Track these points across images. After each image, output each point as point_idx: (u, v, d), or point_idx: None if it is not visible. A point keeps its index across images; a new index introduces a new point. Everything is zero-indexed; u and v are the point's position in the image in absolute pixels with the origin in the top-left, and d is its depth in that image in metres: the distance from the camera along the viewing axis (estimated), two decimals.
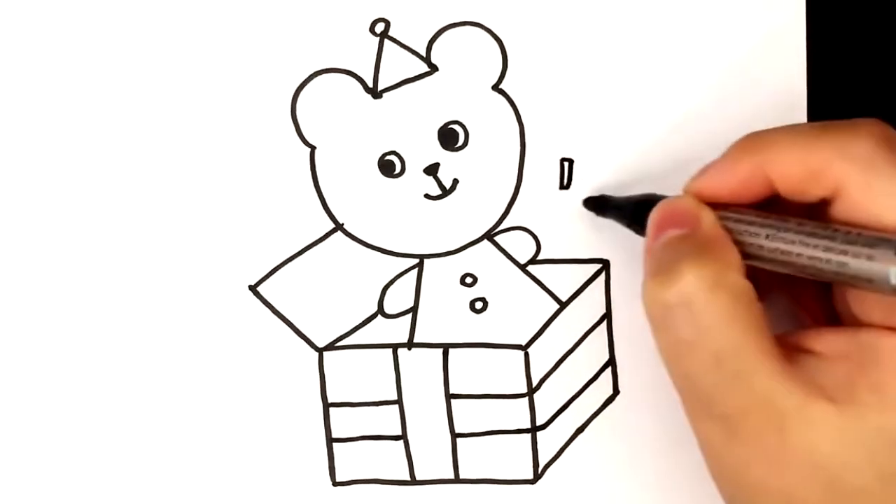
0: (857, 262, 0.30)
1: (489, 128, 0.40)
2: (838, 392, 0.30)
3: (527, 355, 0.40)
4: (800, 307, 0.37)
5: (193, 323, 0.40)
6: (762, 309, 0.32)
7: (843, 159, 0.31)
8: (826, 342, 0.32)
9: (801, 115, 0.40)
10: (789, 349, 0.32)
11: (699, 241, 0.33)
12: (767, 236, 0.32)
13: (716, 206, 0.34)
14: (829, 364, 0.31)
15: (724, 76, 0.40)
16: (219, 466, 0.40)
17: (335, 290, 0.40)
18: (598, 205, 0.39)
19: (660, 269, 0.32)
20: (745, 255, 0.33)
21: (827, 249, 0.31)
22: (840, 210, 0.32)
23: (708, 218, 0.33)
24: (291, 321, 0.40)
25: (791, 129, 0.34)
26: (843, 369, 0.31)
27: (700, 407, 0.32)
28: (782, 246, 0.32)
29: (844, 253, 0.30)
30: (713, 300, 0.31)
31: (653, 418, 0.40)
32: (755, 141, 0.34)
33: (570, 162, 0.40)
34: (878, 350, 0.31)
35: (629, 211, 0.37)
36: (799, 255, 0.31)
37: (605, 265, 0.40)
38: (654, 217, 0.34)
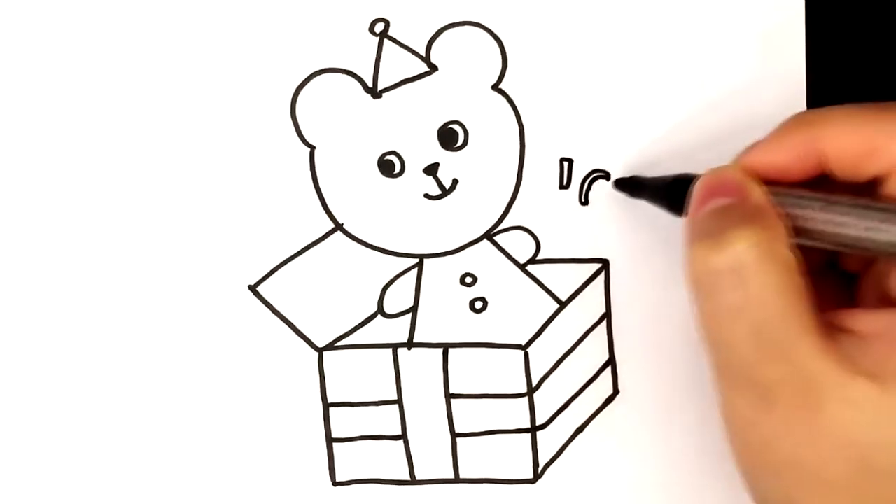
0: None
1: (489, 128, 0.40)
2: (876, 370, 0.30)
3: (526, 355, 0.40)
4: (820, 300, 0.37)
5: (193, 323, 0.40)
6: (807, 284, 0.31)
7: None
8: (866, 322, 0.32)
9: None
10: (827, 328, 0.32)
11: (749, 210, 0.33)
12: (820, 207, 0.32)
13: (763, 181, 0.34)
14: (869, 343, 0.31)
15: (724, 76, 0.40)
16: (219, 466, 0.40)
17: (335, 290, 0.40)
18: (631, 186, 0.39)
19: (707, 234, 0.32)
20: (794, 231, 0.33)
21: (884, 220, 0.31)
22: (894, 188, 0.32)
23: (756, 188, 0.33)
24: (291, 321, 0.40)
25: (847, 107, 0.34)
26: (881, 347, 0.31)
27: (735, 375, 0.32)
28: (836, 217, 0.32)
29: None
30: (764, 268, 0.31)
31: (653, 418, 0.40)
32: (809, 117, 0.34)
33: (570, 162, 0.40)
34: None
35: (664, 189, 0.37)
36: (854, 225, 0.31)
37: (605, 265, 0.40)
38: (700, 186, 0.34)
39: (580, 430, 0.41)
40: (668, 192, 0.36)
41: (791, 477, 0.32)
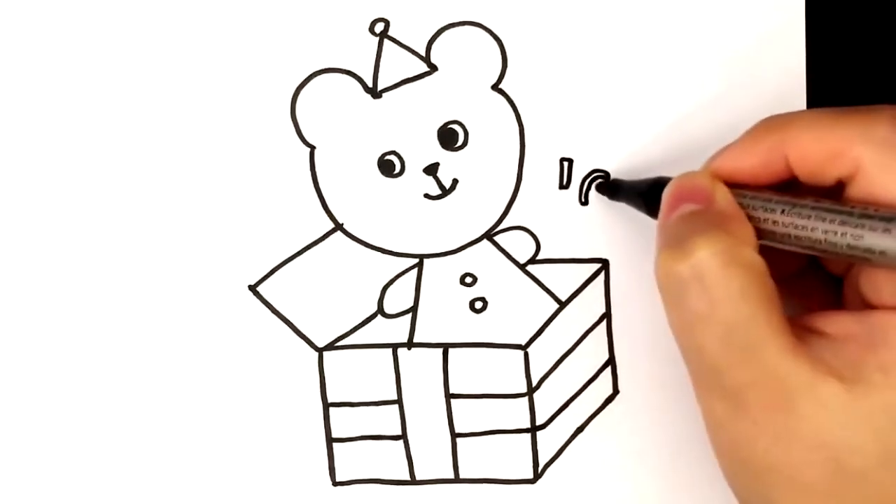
0: (873, 234, 0.30)
1: (489, 128, 0.40)
2: (847, 371, 0.31)
3: (526, 355, 0.40)
4: (806, 294, 0.37)
5: (193, 323, 0.40)
6: (774, 286, 0.32)
7: (863, 140, 0.32)
8: (836, 324, 0.32)
9: None
10: (799, 330, 0.32)
11: (713, 216, 0.33)
12: (783, 211, 0.32)
13: (732, 185, 0.34)
14: (839, 344, 0.31)
15: (724, 76, 0.40)
16: (219, 466, 0.40)
17: (335, 290, 0.40)
18: (611, 189, 0.39)
19: (673, 242, 0.32)
20: (759, 234, 0.33)
21: (843, 223, 0.31)
22: (857, 191, 0.32)
23: (722, 193, 0.34)
24: (291, 321, 0.40)
25: (811, 112, 0.34)
26: (853, 349, 0.31)
27: (708, 380, 0.32)
28: (798, 220, 0.32)
29: (861, 226, 0.30)
30: (726, 274, 0.31)
31: (653, 418, 0.40)
32: (775, 122, 0.34)
33: (570, 162, 0.40)
34: (888, 330, 0.31)
35: (642, 193, 0.37)
36: (814, 228, 0.32)
37: (605, 265, 0.40)
38: (668, 192, 0.35)
39: (580, 430, 0.41)
40: (646, 197, 0.37)
41: (768, 479, 0.32)
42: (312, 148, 0.39)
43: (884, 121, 0.32)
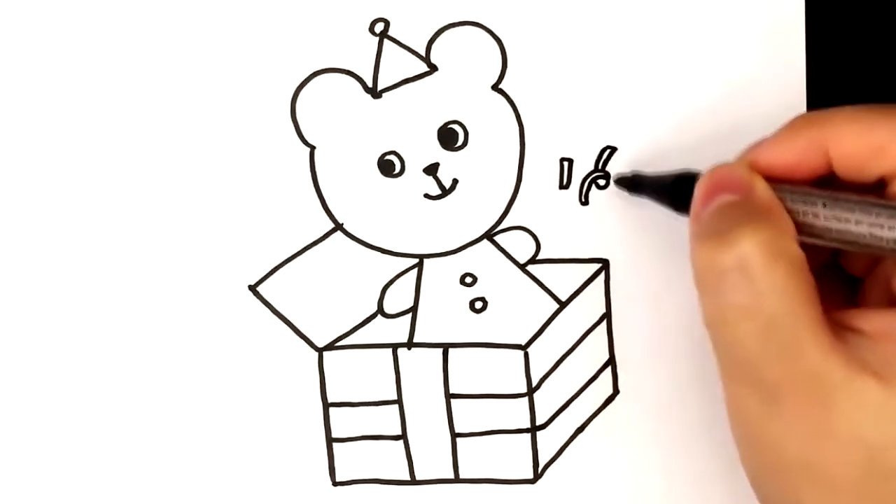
0: None
1: (489, 128, 0.40)
2: (884, 369, 0.30)
3: (526, 355, 0.40)
4: (823, 301, 0.37)
5: (193, 323, 0.40)
6: (814, 282, 0.31)
7: None
8: (873, 321, 0.32)
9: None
10: (836, 326, 0.32)
11: (755, 207, 0.32)
12: (825, 204, 0.32)
13: (769, 180, 0.34)
14: (877, 343, 0.31)
15: (724, 76, 0.40)
16: (219, 466, 0.40)
17: (335, 290, 0.40)
18: (632, 183, 0.39)
19: (713, 232, 0.32)
20: (798, 228, 0.32)
21: (891, 217, 0.31)
22: None
23: (762, 184, 0.33)
24: (291, 321, 0.40)
25: (853, 108, 0.34)
26: (890, 347, 0.31)
27: (742, 374, 0.32)
28: (840, 214, 0.32)
29: None
30: (771, 266, 0.31)
31: (653, 418, 0.40)
32: (815, 117, 0.34)
33: (570, 162, 0.40)
34: None
35: (667, 187, 0.36)
36: (859, 222, 0.31)
37: (605, 265, 0.40)
38: (704, 183, 0.34)
39: (580, 430, 0.41)
40: (671, 190, 0.36)
41: (798, 477, 0.31)
42: (312, 148, 0.39)
43: None
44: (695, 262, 0.32)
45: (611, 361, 0.41)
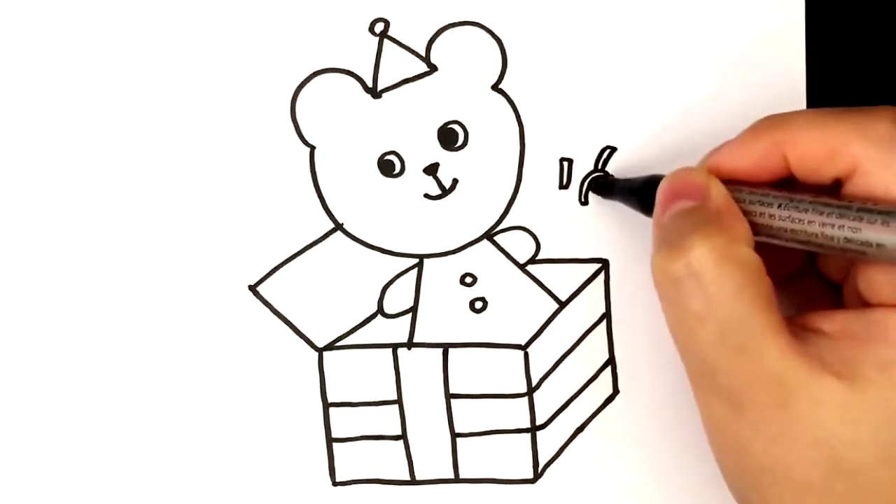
0: (871, 228, 0.30)
1: (489, 128, 0.40)
2: (844, 369, 0.31)
3: (526, 355, 0.40)
4: (805, 307, 0.37)
5: (193, 323, 0.40)
6: (771, 284, 0.32)
7: (862, 138, 0.32)
8: (833, 322, 0.32)
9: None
10: (796, 328, 0.32)
11: (708, 213, 0.33)
12: (780, 205, 0.32)
13: (729, 182, 0.34)
14: (836, 342, 0.31)
15: (724, 75, 0.40)
16: (219, 466, 0.40)
17: (335, 290, 0.40)
18: (605, 188, 0.39)
19: (668, 240, 0.32)
20: (756, 229, 0.33)
21: (841, 216, 0.31)
22: (854, 188, 0.32)
23: (717, 189, 0.33)
24: (291, 321, 0.40)
25: (810, 111, 0.34)
26: (850, 347, 0.31)
27: (705, 380, 0.32)
28: (795, 214, 0.32)
29: (859, 219, 0.30)
30: (722, 272, 0.31)
31: (653, 418, 0.40)
32: (774, 121, 0.34)
33: (570, 162, 0.40)
34: (885, 328, 0.31)
35: (636, 191, 0.37)
36: (811, 222, 0.32)
37: (605, 265, 0.40)
38: (662, 189, 0.34)
39: (580, 430, 0.41)
40: (640, 195, 0.37)
41: (765, 479, 0.32)
42: (312, 148, 0.39)
43: (882, 120, 0.32)
44: (652, 269, 0.33)
45: (611, 361, 0.41)
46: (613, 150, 0.40)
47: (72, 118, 0.39)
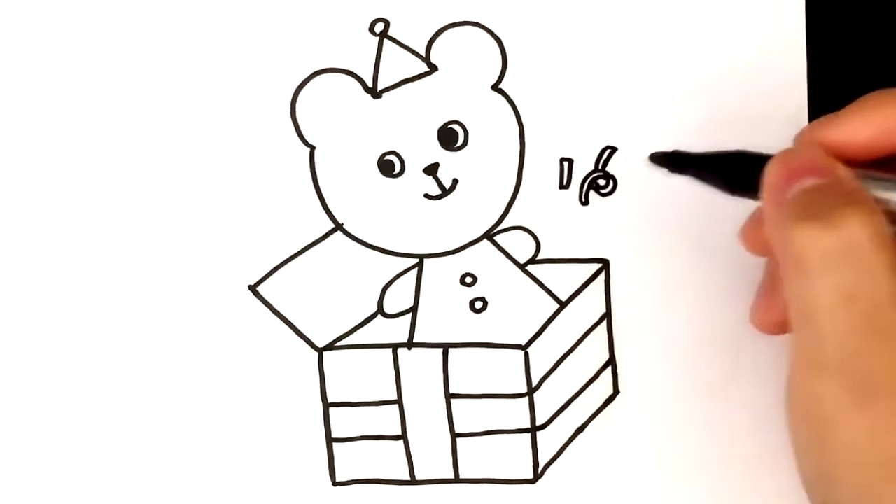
0: None
1: (489, 128, 0.40)
2: None
3: (526, 355, 0.40)
4: None
5: (193, 323, 0.40)
6: None
7: None
8: None
9: (802, 119, 0.40)
10: None
11: (850, 189, 0.31)
12: None
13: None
14: None
15: (724, 76, 0.39)
16: (219, 466, 0.40)
17: (335, 290, 0.40)
18: (673, 161, 0.36)
19: (814, 214, 0.30)
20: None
21: None
22: None
23: (843, 170, 0.31)
24: (291, 321, 0.40)
25: None
26: None
27: (832, 364, 0.30)
28: None
29: None
30: (879, 251, 0.29)
31: (653, 418, 0.40)
32: (888, 95, 0.32)
33: (570, 162, 0.40)
34: None
35: (720, 164, 0.35)
36: None
37: (605, 265, 0.40)
38: (779, 166, 0.32)
39: (580, 430, 0.41)
40: (724, 168, 0.34)
41: (879, 473, 0.29)
42: (312, 148, 0.39)
43: None
44: (795, 245, 0.30)
45: (611, 361, 0.41)
46: (613, 150, 0.40)
47: (72, 118, 0.39)
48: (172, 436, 0.40)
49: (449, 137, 0.40)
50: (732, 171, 0.34)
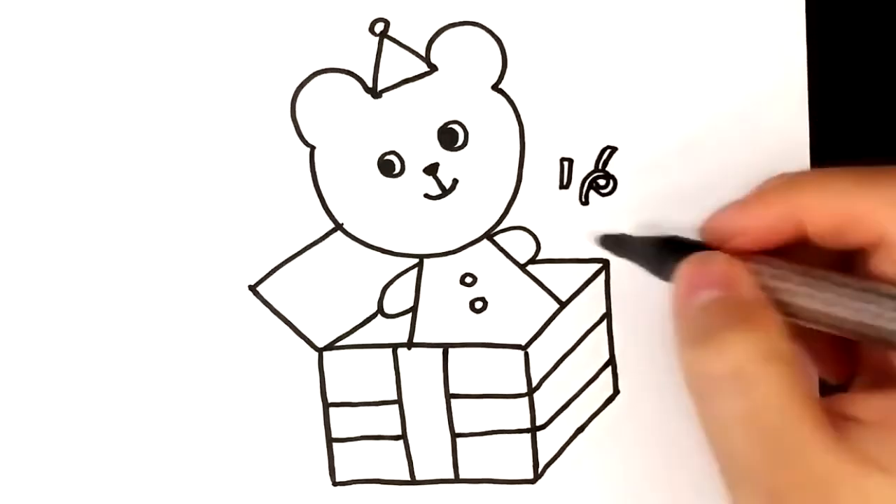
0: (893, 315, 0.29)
1: (489, 128, 0.40)
2: (891, 462, 0.29)
3: (526, 355, 0.40)
4: (819, 361, 0.36)
5: (193, 323, 0.40)
6: (810, 376, 0.31)
7: (887, 205, 0.30)
8: (868, 407, 0.31)
9: (801, 119, 0.40)
10: (834, 418, 0.30)
11: (742, 305, 0.31)
12: (806, 300, 0.31)
13: (741, 253, 0.33)
14: (875, 431, 0.30)
15: (724, 76, 0.39)
16: (219, 466, 0.40)
17: (335, 290, 0.40)
18: (616, 244, 0.38)
19: (701, 335, 0.30)
20: (783, 312, 0.31)
21: (876, 317, 0.29)
22: (882, 259, 0.30)
23: (745, 277, 0.32)
24: (291, 321, 0.40)
25: (827, 173, 0.33)
26: (891, 436, 0.30)
27: (744, 481, 0.30)
28: (824, 312, 0.30)
29: (879, 304, 0.29)
30: (766, 372, 0.29)
31: (653, 418, 0.40)
32: (786, 184, 0.32)
33: (570, 162, 0.40)
34: None
35: (649, 254, 0.36)
36: (843, 322, 0.30)
37: (605, 265, 0.40)
38: (681, 277, 0.33)
39: (580, 430, 0.41)
40: (654, 258, 0.35)
41: None
42: (312, 148, 0.39)
43: None
44: (683, 365, 0.31)
45: (611, 361, 0.41)
46: (614, 150, 0.40)
47: (72, 118, 0.39)
48: (172, 436, 0.40)
49: (449, 137, 0.40)
50: (662, 261, 0.34)
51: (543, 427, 0.41)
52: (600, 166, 0.40)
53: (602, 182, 0.40)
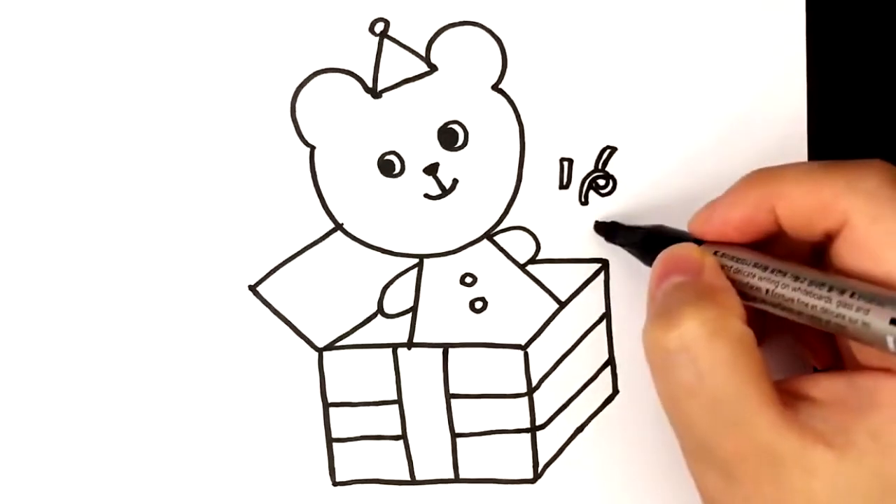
0: (853, 326, 0.30)
1: (489, 128, 0.40)
2: (836, 437, 0.30)
3: (526, 355, 0.40)
4: (804, 347, 0.37)
5: (193, 323, 0.40)
6: (762, 355, 0.32)
7: (851, 192, 0.32)
8: (823, 388, 0.32)
9: (801, 119, 0.40)
10: (787, 395, 0.32)
11: (701, 287, 0.33)
12: (767, 291, 0.32)
13: (719, 245, 0.34)
14: (827, 409, 0.31)
15: (724, 76, 0.40)
16: (219, 466, 0.40)
17: (335, 290, 0.40)
18: (608, 231, 0.39)
19: (661, 313, 0.32)
20: (749, 299, 0.33)
21: (825, 311, 0.31)
22: (844, 244, 0.32)
23: (710, 265, 0.34)
24: (291, 321, 0.40)
25: (798, 165, 0.34)
26: (841, 414, 0.31)
27: (698, 452, 0.32)
28: (782, 301, 0.32)
29: (841, 317, 0.30)
30: (713, 346, 0.31)
31: (652, 418, 0.40)
32: (763, 175, 0.34)
33: (570, 162, 0.40)
34: (876, 394, 0.31)
35: (638, 242, 0.38)
36: (800, 313, 0.32)
37: (605, 265, 0.40)
38: (657, 265, 0.35)
39: (580, 430, 0.41)
40: (642, 246, 0.37)
41: None
42: (312, 148, 0.39)
43: (872, 173, 0.32)
44: (644, 342, 0.33)
45: (611, 361, 0.41)
46: (613, 150, 0.40)
47: (72, 119, 0.39)
48: (172, 436, 0.40)
49: (449, 137, 0.40)
50: (650, 249, 0.36)
51: (543, 427, 0.41)
52: (600, 166, 0.40)
53: (602, 182, 0.40)
